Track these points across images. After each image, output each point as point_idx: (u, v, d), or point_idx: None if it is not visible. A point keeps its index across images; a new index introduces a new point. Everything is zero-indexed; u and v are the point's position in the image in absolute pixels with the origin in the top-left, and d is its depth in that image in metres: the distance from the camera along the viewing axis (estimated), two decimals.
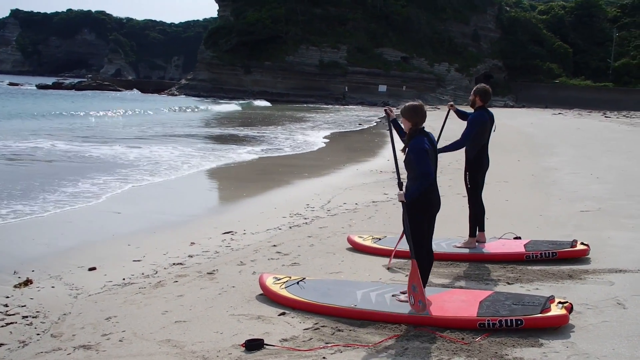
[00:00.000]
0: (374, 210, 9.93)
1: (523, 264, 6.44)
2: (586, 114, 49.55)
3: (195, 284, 6.09)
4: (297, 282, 5.56)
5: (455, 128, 8.07)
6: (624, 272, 5.98)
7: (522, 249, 6.64)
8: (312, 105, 64.81)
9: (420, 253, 4.98)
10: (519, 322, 4.47)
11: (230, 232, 8.51)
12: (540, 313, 4.49)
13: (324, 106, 65.40)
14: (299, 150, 21.26)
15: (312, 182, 13.56)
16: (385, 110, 5.55)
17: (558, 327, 4.48)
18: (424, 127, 5.04)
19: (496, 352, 4.17)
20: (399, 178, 5.02)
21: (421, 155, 4.86)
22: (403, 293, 5.16)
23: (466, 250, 6.81)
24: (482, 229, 7.07)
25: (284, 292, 5.36)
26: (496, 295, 5.00)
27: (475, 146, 6.88)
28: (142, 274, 6.59)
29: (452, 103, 7.68)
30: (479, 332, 4.51)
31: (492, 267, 6.41)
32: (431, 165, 4.91)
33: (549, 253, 6.46)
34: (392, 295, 5.17)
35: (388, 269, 6.47)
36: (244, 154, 19.06)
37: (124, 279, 6.39)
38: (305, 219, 9.36)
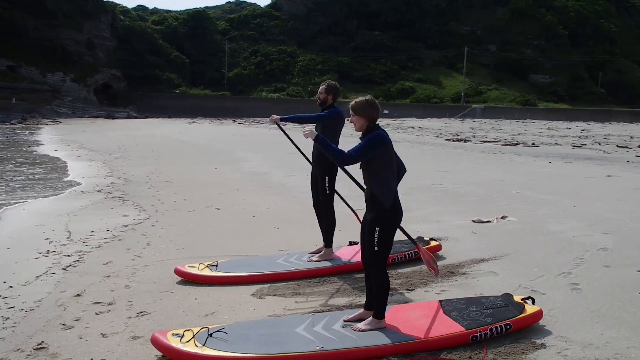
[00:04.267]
0: (140, 234, 8.58)
1: (391, 267, 6.26)
2: (218, 122, 52.08)
3: None
4: (211, 335, 4.35)
5: None
6: (485, 261, 6.35)
7: None
8: None
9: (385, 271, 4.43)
10: (508, 327, 4.36)
11: None
12: (521, 313, 4.40)
13: None
14: None
15: (14, 212, 11.03)
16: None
17: (530, 325, 4.45)
18: (378, 124, 4.45)
19: None
20: None
21: (371, 141, 4.26)
22: (351, 321, 4.48)
23: (328, 263, 6.30)
24: None
25: (210, 352, 4.13)
26: (451, 304, 4.78)
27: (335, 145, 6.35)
28: None
29: (276, 117, 6.51)
30: (471, 346, 4.21)
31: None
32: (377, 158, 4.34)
33: (410, 253, 6.45)
34: (343, 327, 4.44)
35: None
36: None
37: None
38: (69, 256, 7.51)
